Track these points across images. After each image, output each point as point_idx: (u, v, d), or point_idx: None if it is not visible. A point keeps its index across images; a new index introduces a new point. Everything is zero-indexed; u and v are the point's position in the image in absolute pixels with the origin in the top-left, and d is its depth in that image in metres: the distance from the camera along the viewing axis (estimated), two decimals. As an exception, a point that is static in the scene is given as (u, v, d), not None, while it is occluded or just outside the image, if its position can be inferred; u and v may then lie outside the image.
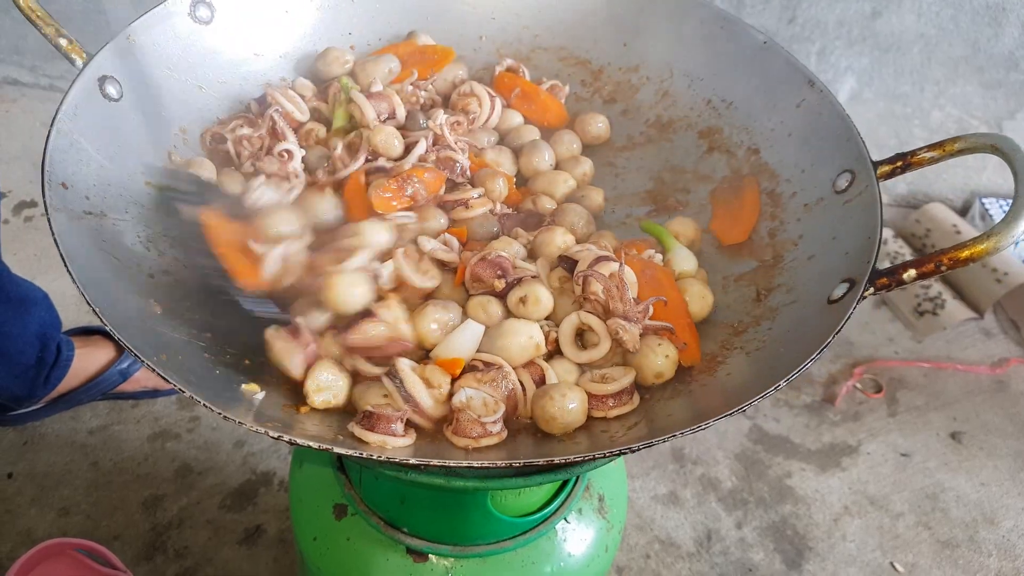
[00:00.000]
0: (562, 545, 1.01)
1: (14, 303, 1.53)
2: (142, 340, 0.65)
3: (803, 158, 0.93)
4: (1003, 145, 0.76)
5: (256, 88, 0.99)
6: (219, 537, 1.60)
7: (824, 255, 0.84)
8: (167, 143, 0.89)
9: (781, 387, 0.68)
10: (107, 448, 1.73)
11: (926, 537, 1.78)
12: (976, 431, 2.00)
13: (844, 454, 1.93)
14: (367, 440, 0.69)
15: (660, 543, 1.71)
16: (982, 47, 2.22)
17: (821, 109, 0.92)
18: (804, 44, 2.26)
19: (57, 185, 0.72)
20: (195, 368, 0.70)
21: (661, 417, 0.76)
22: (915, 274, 0.73)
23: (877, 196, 0.81)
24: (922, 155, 0.84)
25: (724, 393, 0.76)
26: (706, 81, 1.04)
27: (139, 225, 0.80)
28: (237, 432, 1.77)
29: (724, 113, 1.02)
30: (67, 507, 1.62)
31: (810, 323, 0.78)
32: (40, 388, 1.65)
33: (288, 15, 1.02)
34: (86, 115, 0.79)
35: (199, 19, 0.93)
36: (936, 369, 2.13)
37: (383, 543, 0.98)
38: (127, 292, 0.72)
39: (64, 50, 0.82)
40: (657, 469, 1.84)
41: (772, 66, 0.98)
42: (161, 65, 0.89)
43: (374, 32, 1.07)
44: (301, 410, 0.72)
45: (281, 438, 0.61)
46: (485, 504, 0.90)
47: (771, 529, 1.76)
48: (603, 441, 0.74)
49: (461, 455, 0.70)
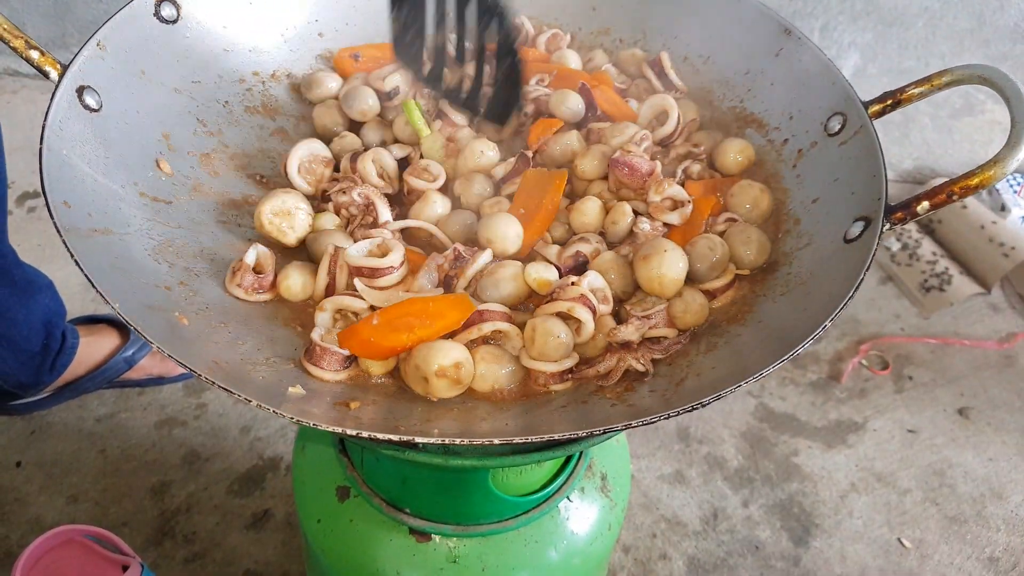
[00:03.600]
0: (565, 524, 1.01)
1: (20, 287, 1.54)
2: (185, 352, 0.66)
3: (790, 105, 0.94)
4: (991, 75, 0.78)
5: (231, 85, 0.97)
6: (227, 522, 1.61)
7: (829, 196, 0.85)
8: (153, 150, 0.86)
9: (827, 326, 0.68)
10: (114, 436, 1.74)
11: (934, 513, 1.78)
12: (984, 406, 1.99)
13: (851, 431, 1.92)
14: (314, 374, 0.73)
15: (666, 522, 1.72)
16: (987, 19, 2.20)
17: (801, 56, 0.94)
18: (807, 20, 2.24)
19: (60, 205, 0.70)
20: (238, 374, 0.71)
21: (706, 371, 0.75)
22: (928, 206, 0.75)
23: (874, 135, 0.83)
24: (911, 91, 0.85)
25: (763, 342, 0.76)
26: (680, 39, 1.05)
27: (143, 238, 0.78)
28: (244, 418, 1.78)
29: (702, 68, 1.03)
30: (76, 495, 1.63)
31: (832, 262, 0.79)
32: (46, 375, 1.66)
33: (252, 6, 0.99)
34: (70, 130, 0.76)
35: (165, 18, 0.90)
36: (943, 345, 2.12)
37: (386, 524, 0.98)
38: (151, 306, 0.72)
39: (36, 63, 0.77)
40: (663, 449, 1.84)
41: (746, 17, 0.99)
42: (134, 70, 0.86)
43: (340, 17, 1.05)
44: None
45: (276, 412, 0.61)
46: (486, 483, 0.90)
47: (777, 507, 1.76)
48: (649, 404, 0.73)
49: (454, 426, 0.70)
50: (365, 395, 0.74)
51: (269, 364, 0.74)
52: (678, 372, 0.77)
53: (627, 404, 0.73)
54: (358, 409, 0.71)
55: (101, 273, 0.67)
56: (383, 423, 0.70)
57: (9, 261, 1.51)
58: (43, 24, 2.48)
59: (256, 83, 1.00)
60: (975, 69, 0.79)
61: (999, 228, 2.25)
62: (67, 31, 2.52)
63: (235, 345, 0.74)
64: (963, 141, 2.45)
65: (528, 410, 0.74)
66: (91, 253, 0.70)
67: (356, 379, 0.76)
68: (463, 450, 0.76)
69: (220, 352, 0.71)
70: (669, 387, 0.75)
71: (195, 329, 0.73)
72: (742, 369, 0.69)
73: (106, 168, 0.79)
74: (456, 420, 0.72)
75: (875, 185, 0.79)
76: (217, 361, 0.69)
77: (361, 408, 0.71)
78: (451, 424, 0.71)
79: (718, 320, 0.82)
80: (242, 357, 0.72)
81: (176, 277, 0.78)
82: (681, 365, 0.78)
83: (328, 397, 0.72)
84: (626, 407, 0.73)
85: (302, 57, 1.04)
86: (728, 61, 1.01)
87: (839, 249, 0.79)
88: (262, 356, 0.74)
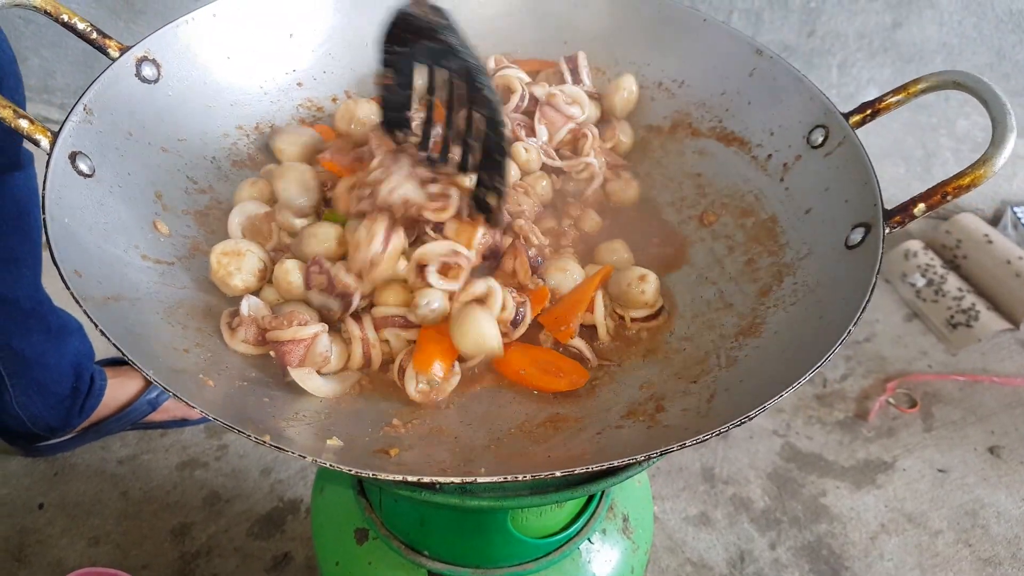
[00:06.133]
0: (587, 567, 0.99)
1: (54, 333, 1.56)
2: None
3: (769, 121, 0.96)
4: (965, 80, 0.80)
5: (217, 140, 0.97)
6: (247, 565, 1.60)
7: (822, 206, 0.87)
8: (149, 212, 0.86)
9: (851, 331, 0.69)
10: (136, 477, 1.74)
11: (967, 555, 1.73)
12: (1015, 445, 1.95)
13: (879, 471, 1.89)
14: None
15: (692, 565, 1.68)
16: (1006, 54, 2.20)
17: (775, 74, 0.95)
18: (824, 57, 2.25)
19: (72, 274, 0.70)
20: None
21: (735, 385, 0.75)
22: (924, 207, 0.78)
23: (858, 144, 0.85)
24: (888, 100, 0.88)
25: (784, 352, 0.76)
26: (653, 65, 1.06)
27: (153, 302, 0.78)
28: (264, 460, 1.78)
29: (678, 93, 1.05)
30: (97, 536, 1.63)
31: (838, 269, 0.80)
32: (75, 418, 1.67)
33: (230, 60, 0.99)
34: (68, 197, 0.76)
35: (146, 79, 0.90)
36: (972, 382, 2.09)
37: (405, 567, 0.97)
38: (177, 369, 0.72)
39: (26, 132, 0.76)
40: (687, 490, 1.81)
41: (717, 42, 1.01)
42: (122, 131, 0.86)
43: (318, 66, 1.06)
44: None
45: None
46: (505, 525, 0.88)
47: (806, 549, 1.72)
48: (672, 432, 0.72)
49: (494, 465, 0.69)
50: (400, 442, 0.73)
51: (297, 418, 0.74)
52: (704, 389, 0.76)
53: (663, 425, 0.73)
54: (398, 456, 0.71)
55: (124, 340, 0.67)
56: (429, 467, 0.70)
57: (45, 308, 1.54)
58: (72, 73, 2.54)
59: (240, 137, 1.00)
60: (951, 75, 0.82)
61: (1026, 263, 2.22)
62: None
63: (262, 402, 0.74)
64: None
65: (567, 440, 0.74)
66: (111, 320, 0.69)
67: (387, 433, 0.75)
68: (481, 488, 0.75)
69: (252, 411, 0.72)
70: (700, 404, 0.74)
71: (221, 390, 0.73)
72: (773, 380, 0.69)
73: (106, 233, 0.79)
74: (494, 454, 0.72)
75: (868, 192, 0.81)
76: (253, 419, 0.70)
77: (400, 455, 0.71)
78: (489, 459, 0.71)
79: (727, 333, 0.83)
80: (273, 414, 0.73)
81: (191, 339, 0.77)
82: (706, 382, 0.77)
83: (367, 447, 0.72)
84: (662, 428, 0.73)
85: (283, 108, 1.04)
86: (703, 84, 1.03)
87: (843, 255, 0.80)
88: (291, 411, 0.75)
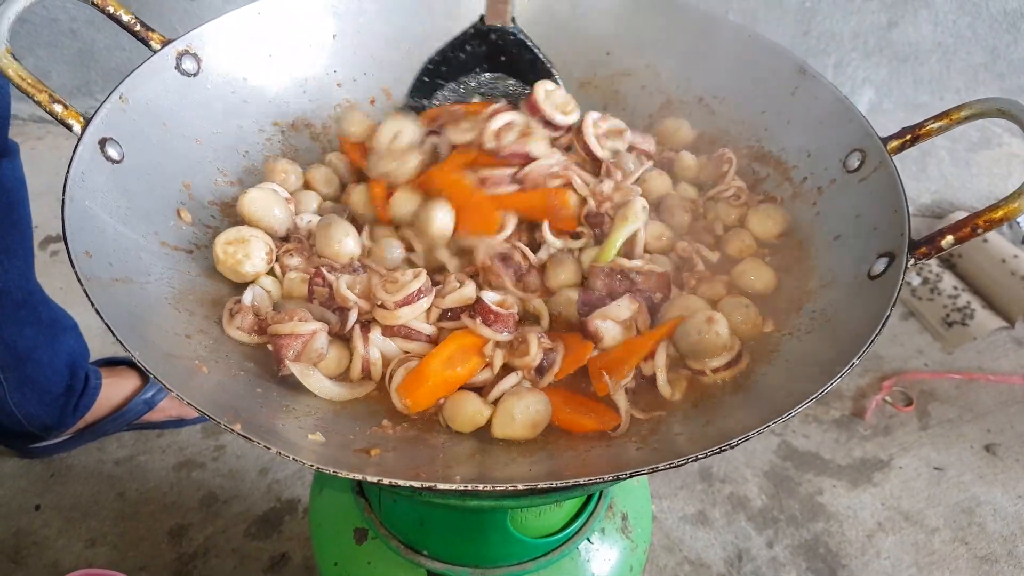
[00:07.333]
0: (586, 566, 0.99)
1: (46, 326, 1.55)
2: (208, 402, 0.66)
3: (807, 143, 0.94)
4: (1010, 108, 0.77)
5: (252, 135, 0.98)
6: (245, 566, 1.60)
7: (851, 233, 0.85)
8: (174, 200, 0.87)
9: (855, 364, 0.68)
10: (133, 478, 1.73)
11: (963, 552, 1.74)
12: (1011, 442, 1.95)
13: (876, 469, 1.89)
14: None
15: (690, 564, 1.68)
16: (1001, 53, 2.20)
17: (817, 93, 0.94)
18: (820, 57, 2.26)
19: (81, 254, 0.71)
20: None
21: (734, 412, 0.75)
22: (953, 240, 0.74)
23: (894, 171, 0.82)
24: (929, 126, 0.85)
25: (788, 380, 0.75)
26: (693, 80, 1.05)
27: (164, 287, 0.79)
28: (262, 460, 1.77)
29: (718, 110, 1.03)
30: (94, 538, 1.63)
31: (857, 299, 0.78)
32: (69, 417, 1.67)
33: (271, 58, 1.00)
34: (92, 180, 0.77)
35: (186, 72, 0.92)
36: (968, 380, 2.09)
37: (404, 567, 0.97)
38: (171, 354, 0.72)
39: (60, 116, 0.79)
40: (685, 489, 1.81)
41: (760, 57, 0.99)
42: (157, 122, 0.88)
43: (358, 67, 1.06)
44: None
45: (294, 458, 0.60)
46: (505, 524, 0.88)
47: (803, 547, 1.73)
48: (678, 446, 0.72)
49: (474, 471, 0.69)
50: (385, 443, 0.73)
51: (287, 411, 0.74)
52: (704, 414, 0.76)
53: (652, 447, 0.73)
54: (378, 456, 0.70)
55: (121, 321, 0.68)
56: (405, 470, 0.69)
57: (36, 299, 1.53)
58: (68, 72, 2.54)
59: (276, 133, 1.01)
60: (994, 103, 0.79)
61: (1021, 261, 2.23)
62: (91, 79, 2.57)
63: (254, 393, 0.74)
64: (981, 175, 2.44)
65: (552, 455, 0.73)
66: (112, 302, 0.70)
67: (375, 433, 0.75)
68: (482, 492, 0.75)
69: (239, 400, 0.71)
70: (696, 429, 0.74)
71: (214, 377, 0.73)
72: (769, 409, 0.68)
73: (127, 218, 0.80)
74: (477, 464, 0.72)
75: (898, 221, 0.78)
76: (236, 408, 0.69)
77: (382, 456, 0.71)
78: (471, 469, 0.71)
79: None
80: (263, 405, 0.72)
81: (196, 326, 0.78)
82: (708, 406, 0.77)
83: (348, 444, 0.72)
84: (651, 450, 0.72)
85: (321, 107, 1.05)
86: (743, 101, 1.01)
87: (864, 285, 0.78)
88: (281, 404, 0.74)
